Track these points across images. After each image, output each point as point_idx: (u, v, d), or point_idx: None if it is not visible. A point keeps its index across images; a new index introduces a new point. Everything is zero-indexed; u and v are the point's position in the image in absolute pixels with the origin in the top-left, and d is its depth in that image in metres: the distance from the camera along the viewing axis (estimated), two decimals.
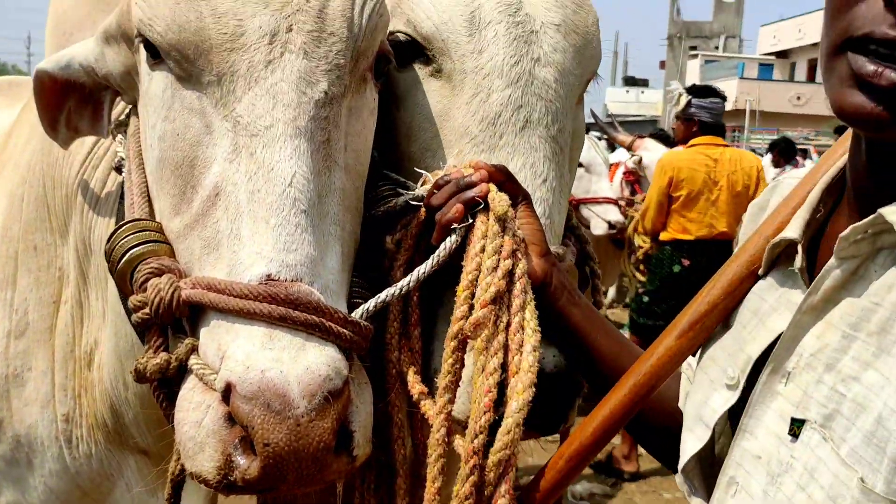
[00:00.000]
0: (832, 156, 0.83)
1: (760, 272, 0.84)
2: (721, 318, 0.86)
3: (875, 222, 0.66)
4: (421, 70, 1.15)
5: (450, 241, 0.98)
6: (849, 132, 0.77)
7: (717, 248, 4.17)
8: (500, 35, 1.10)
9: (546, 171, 1.11)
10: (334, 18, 0.96)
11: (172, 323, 0.91)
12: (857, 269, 0.69)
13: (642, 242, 4.79)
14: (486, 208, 0.98)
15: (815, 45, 36.17)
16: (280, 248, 0.86)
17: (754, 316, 0.83)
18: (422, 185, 1.07)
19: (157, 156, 0.97)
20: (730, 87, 36.75)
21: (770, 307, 0.81)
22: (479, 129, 1.10)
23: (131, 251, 0.94)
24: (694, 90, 4.43)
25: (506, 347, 0.93)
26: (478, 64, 1.10)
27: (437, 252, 0.98)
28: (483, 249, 0.95)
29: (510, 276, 0.95)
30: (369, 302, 0.96)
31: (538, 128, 1.11)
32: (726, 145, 4.41)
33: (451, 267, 0.99)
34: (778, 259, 0.82)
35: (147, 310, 0.89)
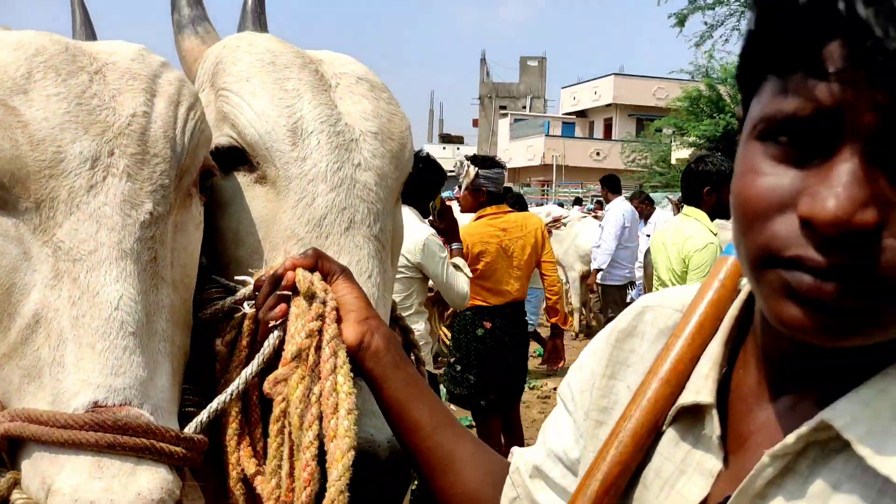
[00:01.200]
0: (717, 302, 0.80)
1: (663, 428, 0.79)
2: (628, 477, 0.79)
3: (818, 428, 0.64)
4: (245, 177, 1.19)
5: (273, 338, 1.01)
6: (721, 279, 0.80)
7: (512, 311, 4.52)
8: (322, 144, 1.17)
9: (370, 267, 1.18)
10: (157, 140, 0.98)
11: None
12: (788, 464, 0.66)
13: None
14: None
15: (608, 105, 39.56)
16: (107, 372, 0.86)
17: (657, 477, 0.78)
18: (245, 288, 1.09)
19: None
20: (537, 144, 39.17)
21: (677, 469, 0.76)
22: (306, 230, 1.14)
23: None
24: (478, 161, 4.55)
25: (321, 418, 0.94)
26: (302, 170, 1.15)
27: (262, 350, 1.01)
28: (299, 328, 0.98)
29: (319, 341, 0.96)
30: (202, 413, 0.97)
31: (362, 227, 1.18)
32: (509, 211, 4.65)
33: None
34: (678, 413, 0.78)
35: None
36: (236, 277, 1.12)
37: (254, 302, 1.05)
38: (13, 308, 0.91)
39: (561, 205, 15.52)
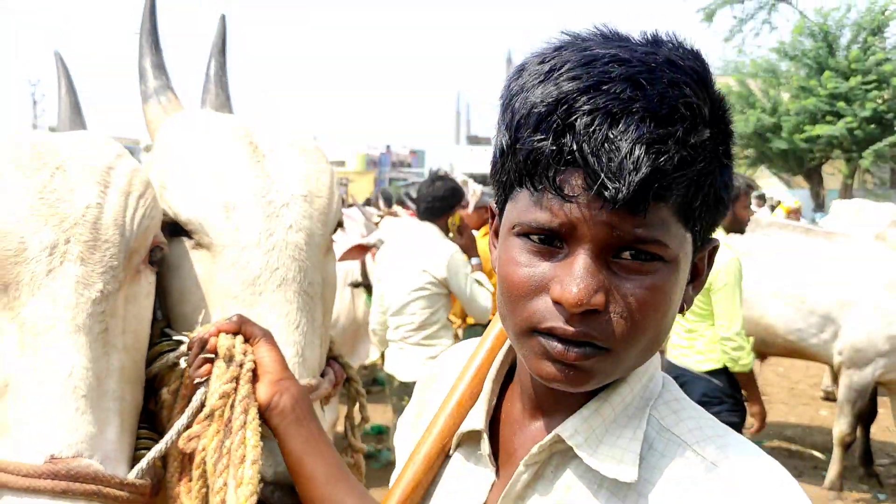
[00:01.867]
0: (493, 349, 1.03)
1: (451, 452, 0.99)
2: (423, 493, 1.00)
3: (554, 440, 0.85)
4: (187, 242, 1.35)
5: (199, 393, 1.17)
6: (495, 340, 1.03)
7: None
8: (254, 215, 1.32)
9: (299, 318, 1.32)
10: (108, 227, 1.15)
11: None
12: (538, 471, 0.88)
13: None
14: None
15: None
16: (62, 430, 1.03)
17: (447, 492, 0.98)
18: (183, 346, 1.25)
19: None
20: None
21: (462, 484, 0.96)
22: (241, 289, 1.30)
23: None
24: (479, 182, 4.88)
25: (230, 467, 1.10)
26: (236, 238, 1.31)
27: (190, 405, 1.17)
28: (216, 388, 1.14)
29: (232, 401, 1.12)
30: (143, 461, 1.13)
31: (293, 284, 1.33)
32: None
33: None
34: (461, 439, 0.99)
35: None
36: (183, 333, 1.29)
37: (188, 359, 1.22)
38: None
39: None
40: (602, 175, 0.72)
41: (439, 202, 4.24)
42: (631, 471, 0.82)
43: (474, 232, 4.89)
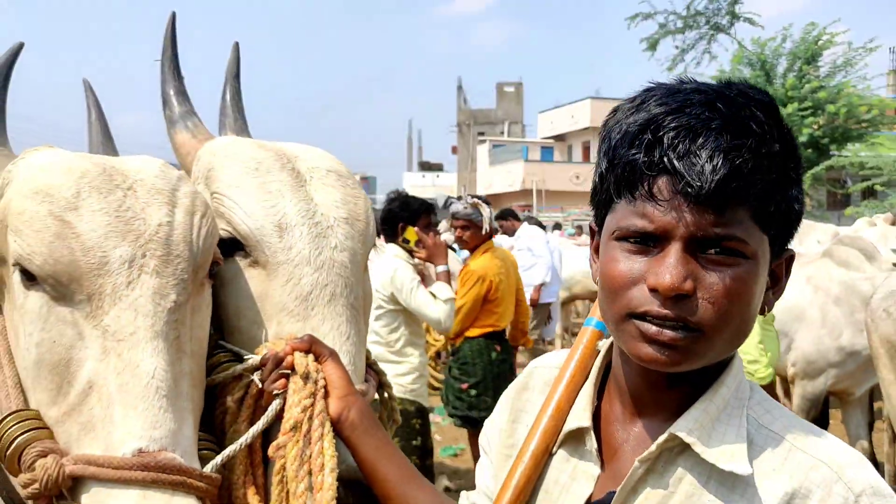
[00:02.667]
0: (583, 359, 1.14)
1: (554, 450, 1.10)
2: (532, 488, 1.10)
3: (669, 439, 0.96)
4: (242, 261, 1.45)
5: (276, 404, 1.30)
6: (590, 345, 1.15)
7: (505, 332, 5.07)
8: (304, 234, 1.44)
9: (348, 330, 1.45)
10: (178, 243, 1.25)
11: (58, 494, 1.14)
12: (650, 466, 0.98)
13: (433, 341, 5.33)
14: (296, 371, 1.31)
15: (586, 128, 40.09)
16: (148, 426, 1.13)
17: (556, 484, 1.09)
18: (251, 358, 1.37)
19: (34, 358, 1.19)
20: (517, 169, 39.42)
21: (569, 478, 1.07)
22: (295, 304, 1.42)
23: (17, 439, 1.16)
24: (485, 201, 5.07)
25: (310, 473, 1.22)
26: (289, 257, 1.43)
27: (266, 414, 1.29)
28: (296, 402, 1.27)
29: (311, 414, 1.26)
30: (217, 458, 1.23)
31: (340, 299, 1.45)
32: (492, 246, 5.17)
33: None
34: (565, 437, 1.09)
35: (36, 485, 1.11)
36: (244, 351, 1.40)
37: (260, 374, 1.33)
38: (71, 376, 1.17)
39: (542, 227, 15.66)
40: (686, 177, 0.86)
41: (391, 219, 4.39)
42: (745, 465, 0.92)
43: (463, 252, 5.14)
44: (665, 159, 0.88)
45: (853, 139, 19.88)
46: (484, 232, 4.96)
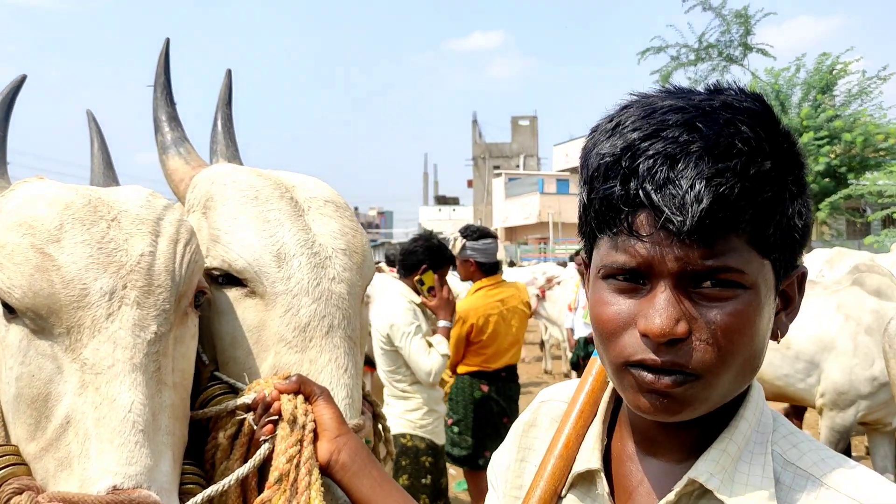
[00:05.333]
0: (592, 392, 1.07)
1: (563, 493, 1.01)
2: None
3: (688, 484, 0.88)
4: (238, 292, 1.43)
5: (264, 448, 1.27)
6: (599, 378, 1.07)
7: (506, 374, 4.79)
8: (303, 264, 1.42)
9: (346, 362, 1.42)
10: (160, 273, 1.23)
11: None
12: None
13: (447, 377, 5.23)
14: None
15: None
16: (123, 462, 1.10)
17: None
18: (244, 393, 1.34)
19: (13, 392, 1.17)
20: (532, 202, 39.64)
21: None
22: (293, 335, 1.39)
23: None
24: (468, 233, 4.80)
25: None
26: (287, 287, 1.40)
27: (252, 458, 1.27)
28: (282, 450, 1.24)
29: (297, 463, 1.23)
30: (199, 496, 1.20)
31: (338, 330, 1.42)
32: (502, 282, 4.90)
33: None
34: (574, 480, 1.01)
35: None
36: (235, 381, 1.37)
37: (253, 414, 1.31)
38: (49, 411, 1.14)
39: (563, 264, 15.42)
40: (666, 211, 0.78)
41: (410, 257, 4.28)
42: None
43: (463, 284, 4.97)
44: (642, 193, 0.80)
45: (871, 167, 19.72)
46: (465, 261, 4.72)
